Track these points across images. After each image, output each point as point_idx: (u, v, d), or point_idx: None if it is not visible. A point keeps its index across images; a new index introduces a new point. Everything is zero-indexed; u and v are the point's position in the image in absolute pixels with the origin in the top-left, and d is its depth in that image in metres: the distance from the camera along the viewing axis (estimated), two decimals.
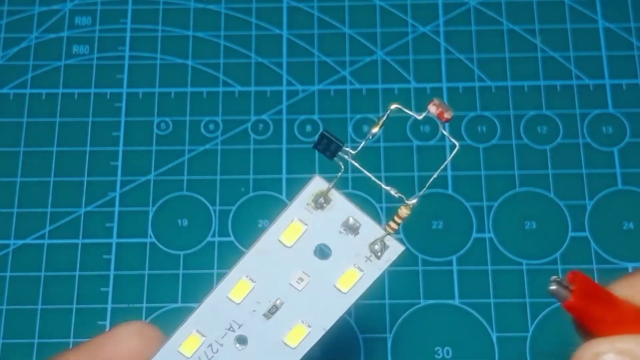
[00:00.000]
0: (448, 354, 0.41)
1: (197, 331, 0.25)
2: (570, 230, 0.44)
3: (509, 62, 0.48)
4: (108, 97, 0.47)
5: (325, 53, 0.48)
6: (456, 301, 0.42)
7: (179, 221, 0.45)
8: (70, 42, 0.49)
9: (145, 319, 0.42)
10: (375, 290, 0.42)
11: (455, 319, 0.42)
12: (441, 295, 0.42)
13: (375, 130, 0.24)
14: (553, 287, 0.24)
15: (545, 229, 0.44)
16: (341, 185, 0.25)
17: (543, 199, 0.44)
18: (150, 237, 0.44)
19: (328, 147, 0.24)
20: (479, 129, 0.46)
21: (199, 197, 0.45)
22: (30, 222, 0.44)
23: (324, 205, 0.24)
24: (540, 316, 0.42)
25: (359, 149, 0.24)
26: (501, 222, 0.44)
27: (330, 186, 0.24)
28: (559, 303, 0.24)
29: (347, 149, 0.24)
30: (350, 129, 0.46)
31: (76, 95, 0.47)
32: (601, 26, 0.48)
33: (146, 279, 0.43)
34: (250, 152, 0.46)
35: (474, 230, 0.44)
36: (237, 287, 0.25)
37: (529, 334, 0.42)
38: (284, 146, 0.46)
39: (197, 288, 0.43)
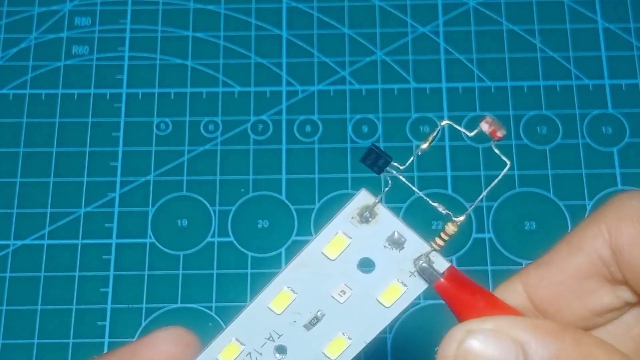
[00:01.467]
0: None
1: (237, 339, 0.25)
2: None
3: (509, 62, 0.48)
4: (108, 97, 0.47)
5: (325, 53, 0.48)
6: None
7: (179, 221, 0.45)
8: (70, 43, 0.49)
9: (145, 320, 0.42)
10: None
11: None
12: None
13: (424, 146, 0.24)
14: (424, 265, 0.24)
15: (545, 229, 0.44)
16: (343, 186, 0.25)
17: (543, 199, 0.44)
18: (150, 237, 0.44)
19: (376, 162, 0.24)
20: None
21: (199, 197, 0.45)
22: (30, 222, 0.44)
23: (370, 219, 0.24)
24: None
25: (407, 164, 0.24)
26: (501, 222, 0.44)
27: (377, 200, 0.24)
28: (428, 283, 0.24)
29: (395, 164, 0.24)
30: (349, 129, 0.46)
31: (76, 96, 0.47)
32: (601, 26, 0.48)
33: (146, 280, 0.43)
34: (250, 152, 0.46)
35: (474, 231, 0.44)
36: (278, 298, 0.24)
37: None
38: (284, 146, 0.46)
39: (197, 288, 0.43)
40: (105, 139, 0.46)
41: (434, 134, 0.24)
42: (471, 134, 0.24)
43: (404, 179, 0.24)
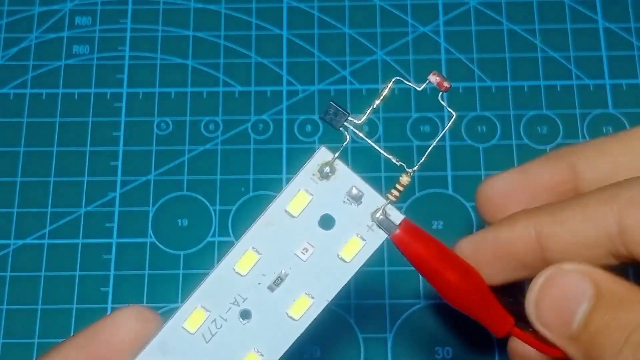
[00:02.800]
0: (448, 354, 0.41)
1: (202, 306, 0.25)
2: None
3: (509, 62, 0.48)
4: (108, 97, 0.47)
5: (325, 53, 0.48)
6: None
7: (179, 221, 0.45)
8: (70, 42, 0.49)
9: None
10: (375, 290, 0.43)
11: (455, 319, 0.42)
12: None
13: (377, 101, 0.25)
14: (380, 217, 0.25)
15: None
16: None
17: None
18: (150, 237, 0.44)
19: (335, 117, 0.25)
20: (479, 129, 0.46)
21: (199, 197, 0.45)
22: (30, 222, 0.44)
23: (329, 175, 0.25)
24: None
25: (363, 119, 0.25)
26: None
27: (335, 156, 0.25)
28: (386, 235, 0.25)
29: (352, 119, 0.25)
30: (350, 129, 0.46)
31: (76, 95, 0.47)
32: (601, 26, 0.48)
33: (146, 279, 0.43)
34: (250, 152, 0.46)
35: (474, 230, 0.44)
36: (244, 259, 0.25)
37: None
38: (284, 146, 0.46)
39: None
40: (105, 139, 0.46)
41: (387, 89, 0.25)
42: (420, 88, 0.26)
43: (361, 133, 0.25)
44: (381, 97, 0.25)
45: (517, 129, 0.46)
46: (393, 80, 0.25)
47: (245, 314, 0.25)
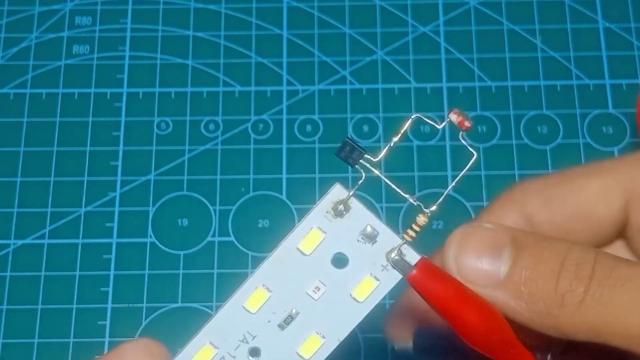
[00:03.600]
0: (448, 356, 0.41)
1: (210, 343, 0.24)
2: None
3: (509, 62, 0.48)
4: (108, 97, 0.47)
5: (325, 53, 0.48)
6: None
7: (179, 221, 0.45)
8: (70, 42, 0.49)
9: (145, 319, 0.42)
10: None
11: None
12: None
13: (396, 139, 0.24)
14: (396, 258, 0.24)
15: None
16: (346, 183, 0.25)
17: None
18: (150, 237, 0.44)
19: (351, 154, 0.24)
20: (479, 129, 0.46)
21: (199, 197, 0.45)
22: (30, 222, 0.44)
23: (344, 213, 0.24)
24: None
25: (380, 156, 0.24)
26: None
27: (350, 194, 0.24)
28: (401, 275, 0.24)
29: (369, 156, 0.24)
30: (350, 129, 0.46)
31: (76, 95, 0.47)
32: (601, 26, 0.48)
33: (146, 279, 0.43)
34: (250, 152, 0.46)
35: None
36: (254, 297, 0.24)
37: None
38: (284, 146, 0.46)
39: (197, 288, 0.43)
40: (105, 139, 0.46)
41: (405, 127, 0.24)
42: (440, 126, 0.25)
43: (377, 172, 0.24)
44: (399, 135, 0.24)
45: (517, 129, 0.46)
46: (412, 117, 0.24)
47: (255, 352, 0.25)
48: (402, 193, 0.25)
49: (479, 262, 0.25)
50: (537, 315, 0.25)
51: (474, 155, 0.25)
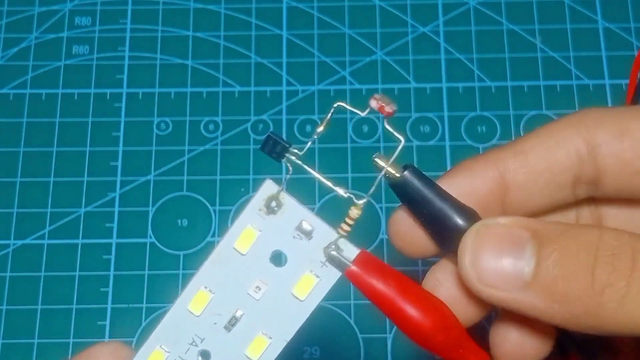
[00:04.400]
0: None
1: (161, 347, 0.24)
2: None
3: (509, 62, 0.48)
4: (108, 97, 0.47)
5: (325, 53, 0.48)
6: None
7: (179, 221, 0.45)
8: (70, 42, 0.49)
9: (145, 319, 0.42)
10: None
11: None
12: None
13: (320, 129, 0.24)
14: (332, 253, 0.24)
15: None
16: (343, 185, 0.24)
17: None
18: (150, 237, 0.44)
19: (274, 148, 0.24)
20: (479, 129, 0.46)
21: (199, 197, 0.45)
22: (31, 222, 0.44)
23: (276, 209, 0.24)
24: None
25: (305, 149, 0.24)
26: None
27: (280, 189, 0.24)
28: (340, 272, 0.24)
29: (294, 150, 0.24)
30: (350, 129, 0.46)
31: (76, 95, 0.47)
32: (601, 26, 0.48)
33: (146, 279, 0.43)
34: (250, 152, 0.46)
35: None
36: (196, 299, 0.24)
37: None
38: None
39: None
40: (105, 139, 0.46)
41: (328, 116, 0.24)
42: (364, 114, 0.24)
43: (304, 165, 0.24)
44: (323, 125, 0.24)
45: (517, 129, 0.46)
46: (335, 106, 0.24)
47: (205, 355, 0.24)
48: (332, 186, 0.24)
49: (499, 264, 0.23)
50: (574, 316, 0.22)
51: (401, 140, 0.24)
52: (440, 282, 0.26)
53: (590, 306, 0.22)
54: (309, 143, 0.24)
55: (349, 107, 0.24)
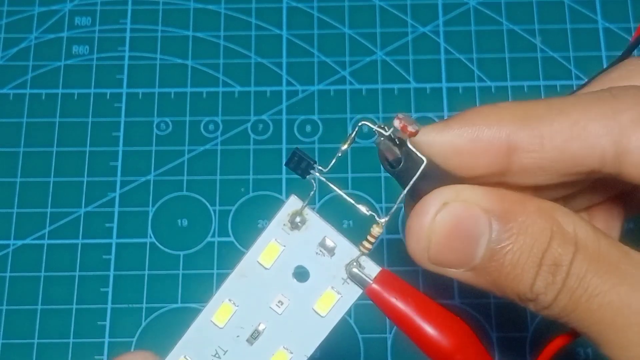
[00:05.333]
0: None
1: (185, 357, 0.25)
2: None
3: (509, 62, 0.48)
4: (108, 97, 0.47)
5: (325, 53, 0.48)
6: (456, 301, 0.42)
7: (179, 221, 0.45)
8: (70, 42, 0.49)
9: (145, 320, 0.42)
10: None
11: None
12: (441, 295, 0.42)
13: (344, 147, 0.24)
14: (354, 270, 0.24)
15: None
16: (342, 184, 0.24)
17: None
18: (150, 237, 0.44)
19: (299, 164, 0.24)
20: None
21: (199, 197, 0.45)
22: (30, 222, 0.44)
23: (300, 225, 0.24)
24: (540, 316, 0.42)
25: (329, 166, 0.24)
26: None
27: (304, 205, 0.24)
28: (361, 289, 0.24)
29: (319, 166, 0.24)
30: (350, 129, 0.46)
31: (76, 96, 0.47)
32: (601, 26, 0.48)
33: (146, 279, 0.43)
34: (250, 152, 0.46)
35: None
36: (220, 311, 0.25)
37: (529, 334, 0.42)
38: (284, 146, 0.46)
39: (197, 288, 0.43)
40: (105, 139, 0.46)
41: (353, 134, 0.24)
42: (387, 133, 0.24)
43: (327, 182, 0.24)
44: (348, 142, 0.24)
45: None
46: (360, 125, 0.24)
47: None
48: (354, 203, 0.24)
49: (452, 246, 0.24)
50: (509, 299, 0.25)
51: (423, 161, 0.24)
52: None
53: (525, 301, 0.25)
54: (333, 160, 0.24)
55: (373, 127, 0.24)
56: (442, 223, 0.24)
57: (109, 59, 0.48)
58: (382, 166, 0.25)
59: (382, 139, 0.24)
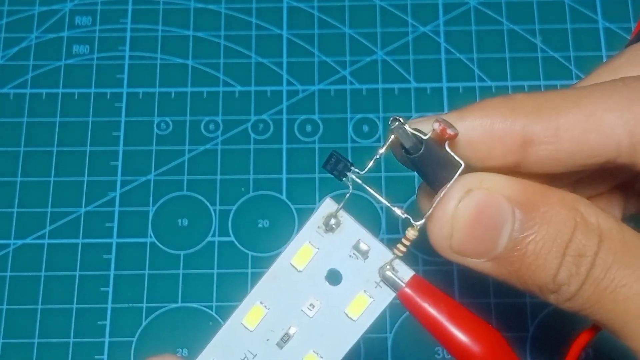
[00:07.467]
0: (448, 354, 0.41)
1: None
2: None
3: (509, 62, 0.48)
4: (108, 97, 0.47)
5: (325, 53, 0.48)
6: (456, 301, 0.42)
7: (179, 221, 0.45)
8: (70, 42, 0.49)
9: (145, 319, 0.42)
10: None
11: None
12: None
13: (382, 151, 0.24)
14: (388, 273, 0.24)
15: None
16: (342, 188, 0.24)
17: None
18: (150, 237, 0.44)
19: (336, 166, 0.24)
20: None
21: (199, 197, 0.45)
22: (30, 222, 0.44)
23: (335, 228, 0.24)
24: (540, 316, 0.42)
25: (366, 169, 0.24)
26: None
27: (339, 207, 0.24)
28: (393, 293, 0.24)
29: (355, 169, 0.24)
30: (350, 129, 0.46)
31: (76, 95, 0.47)
32: (601, 26, 0.48)
33: (146, 279, 0.43)
34: (250, 152, 0.46)
35: None
36: (251, 314, 0.24)
37: (529, 334, 0.42)
38: (284, 146, 0.46)
39: (197, 288, 0.43)
40: (105, 139, 0.46)
41: (391, 138, 0.24)
42: (426, 137, 0.24)
43: (364, 184, 0.24)
44: (385, 147, 0.24)
45: None
46: (393, 128, 0.24)
47: None
48: (390, 206, 0.24)
49: (475, 234, 0.24)
50: (530, 291, 0.24)
51: (461, 165, 0.24)
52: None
53: (547, 293, 0.24)
54: (371, 162, 0.24)
55: (410, 130, 0.23)
56: (465, 210, 0.24)
57: (110, 58, 0.48)
58: (393, 154, 0.25)
59: (397, 124, 0.24)
